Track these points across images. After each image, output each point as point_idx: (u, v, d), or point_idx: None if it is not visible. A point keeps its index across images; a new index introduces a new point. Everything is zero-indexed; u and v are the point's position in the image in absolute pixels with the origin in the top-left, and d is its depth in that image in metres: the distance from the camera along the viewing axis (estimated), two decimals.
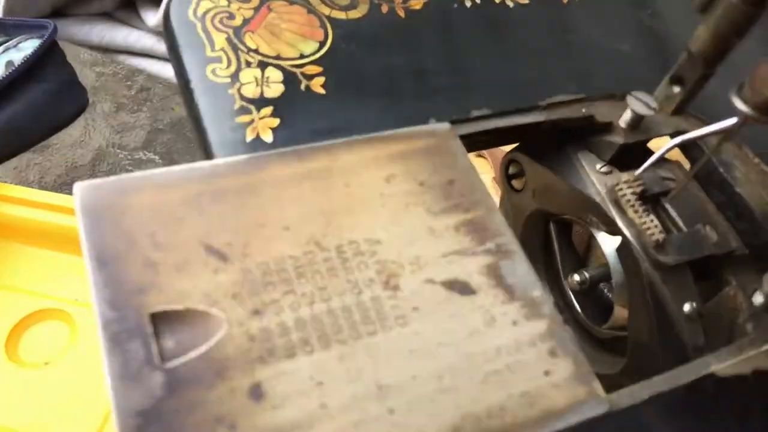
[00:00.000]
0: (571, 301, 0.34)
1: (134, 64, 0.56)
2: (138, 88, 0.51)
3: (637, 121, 0.28)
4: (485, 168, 0.54)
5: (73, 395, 0.34)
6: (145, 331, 0.19)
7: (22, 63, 0.40)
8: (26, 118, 0.41)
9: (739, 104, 0.20)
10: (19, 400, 0.34)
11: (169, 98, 0.57)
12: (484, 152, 0.51)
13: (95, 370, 0.35)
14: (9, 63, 0.42)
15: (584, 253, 0.35)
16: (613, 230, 0.28)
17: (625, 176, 0.27)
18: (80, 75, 0.49)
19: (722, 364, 0.22)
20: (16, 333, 0.37)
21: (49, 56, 0.43)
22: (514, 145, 0.33)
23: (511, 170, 0.34)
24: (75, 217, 0.40)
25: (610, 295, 0.35)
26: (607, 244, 0.29)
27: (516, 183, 0.34)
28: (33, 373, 0.35)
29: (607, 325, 0.32)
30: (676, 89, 0.27)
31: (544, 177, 0.31)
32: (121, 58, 0.57)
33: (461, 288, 0.22)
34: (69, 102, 0.45)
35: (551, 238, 0.35)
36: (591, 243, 0.38)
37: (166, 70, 0.56)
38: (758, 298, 0.24)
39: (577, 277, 0.31)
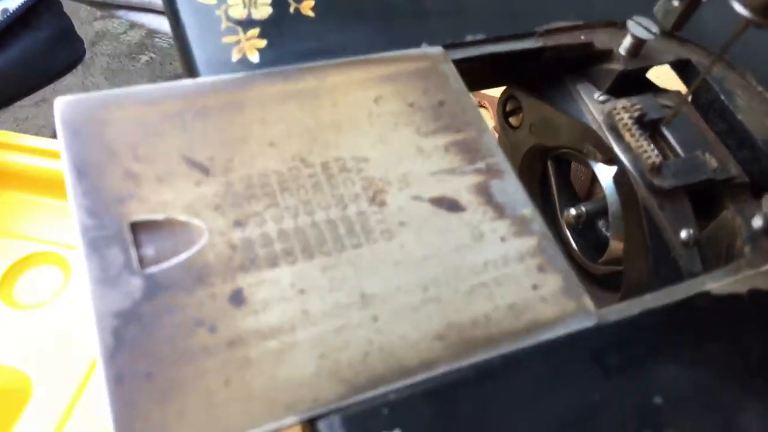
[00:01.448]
0: (567, 238, 0.34)
1: (133, 18, 0.56)
2: (137, 42, 0.50)
3: (638, 47, 0.28)
4: (485, 118, 0.53)
5: (67, 336, 0.34)
6: (125, 238, 0.18)
7: (17, 9, 0.40)
8: (20, 65, 0.41)
9: (739, 8, 0.20)
10: (12, 341, 0.34)
11: (169, 54, 0.57)
12: (485, 102, 0.51)
13: (89, 311, 0.35)
14: (4, 11, 0.41)
15: (581, 191, 0.35)
16: (610, 158, 0.27)
17: (622, 102, 0.26)
18: (79, 31, 0.49)
19: (718, 283, 0.22)
20: (10, 276, 0.37)
21: (45, 4, 0.43)
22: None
23: (509, 107, 0.34)
24: None
25: (607, 233, 0.34)
26: (604, 173, 0.28)
27: (513, 120, 0.34)
28: (27, 314, 0.35)
29: (602, 259, 0.31)
30: (675, 3, 0.26)
31: (542, 110, 0.31)
32: (121, 12, 0.56)
33: (449, 205, 0.21)
34: (64, 51, 0.44)
35: (548, 176, 0.34)
36: (588, 180, 0.38)
37: (166, 25, 0.55)
38: (757, 222, 0.24)
39: (573, 212, 0.31)
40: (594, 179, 0.39)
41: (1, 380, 0.32)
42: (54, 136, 0.49)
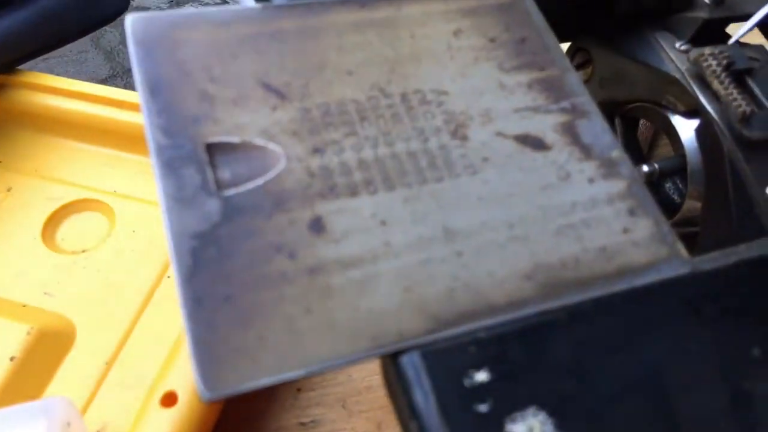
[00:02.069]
0: None
1: None
2: None
3: None
4: None
5: (111, 283, 0.33)
6: (201, 158, 0.17)
7: None
8: (70, 6, 0.40)
9: None
10: (55, 286, 0.33)
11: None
12: None
13: (133, 259, 0.34)
14: None
15: (648, 153, 0.34)
16: (693, 110, 0.26)
17: (708, 49, 0.25)
18: None
19: None
20: (54, 221, 0.36)
21: None
22: None
23: (577, 60, 0.32)
24: (117, 111, 0.39)
25: (675, 196, 0.33)
26: (684, 127, 0.27)
27: (581, 74, 0.32)
28: (70, 260, 0.34)
29: (674, 219, 0.30)
30: None
31: (615, 62, 0.29)
32: None
33: (534, 143, 0.20)
34: None
35: (616, 134, 0.33)
36: (655, 142, 0.36)
37: None
38: None
39: (645, 168, 0.29)
40: (654, 141, 0.38)
41: (45, 325, 0.31)
42: (100, 82, 0.49)
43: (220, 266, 0.16)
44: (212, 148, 0.18)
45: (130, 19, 0.19)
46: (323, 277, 0.16)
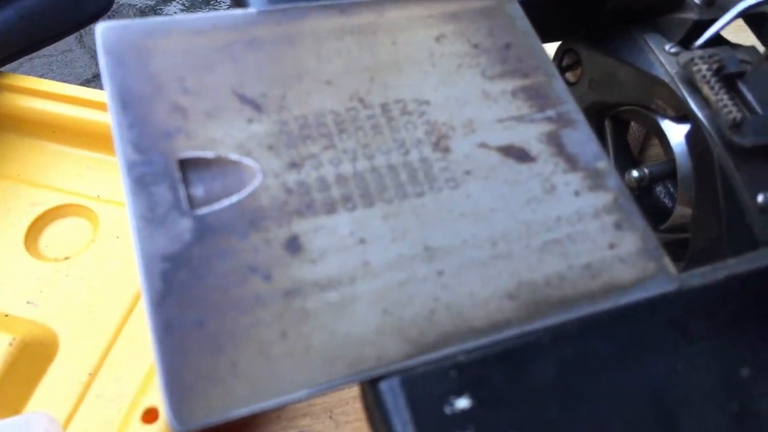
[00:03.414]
0: None
1: None
2: None
3: None
4: None
5: (94, 291, 0.33)
6: (173, 175, 0.17)
7: None
8: (50, 7, 0.40)
9: None
10: (37, 294, 0.33)
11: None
12: None
13: (117, 265, 0.34)
14: None
15: (640, 153, 0.33)
16: (682, 115, 0.25)
17: (699, 52, 0.24)
18: None
19: None
20: (36, 227, 0.36)
21: None
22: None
23: (566, 61, 0.32)
24: (101, 113, 0.38)
25: (666, 200, 0.32)
26: (674, 132, 0.26)
27: (570, 75, 0.32)
28: (53, 267, 0.34)
29: (664, 226, 0.29)
30: None
31: (604, 64, 0.29)
32: None
33: (518, 154, 0.20)
34: None
35: (605, 137, 0.32)
36: (646, 143, 0.36)
37: None
38: None
39: (635, 174, 0.29)
40: (646, 141, 0.37)
41: (27, 335, 0.31)
42: (82, 84, 0.48)
43: (191, 289, 0.15)
44: (185, 164, 0.17)
45: (100, 28, 0.19)
46: (299, 300, 0.16)
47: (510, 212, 0.19)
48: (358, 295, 0.16)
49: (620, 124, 0.32)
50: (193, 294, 0.15)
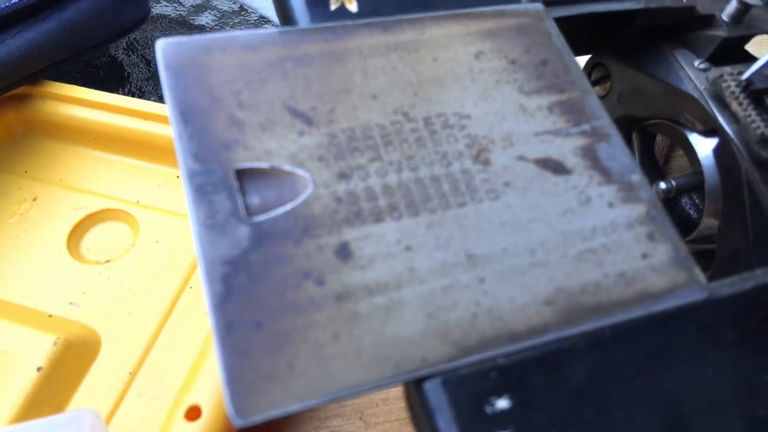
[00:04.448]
0: None
1: None
2: (197, 4, 0.49)
3: (742, 12, 0.26)
4: None
5: (135, 293, 0.34)
6: (231, 185, 0.18)
7: None
8: (91, 17, 0.41)
9: None
10: (80, 296, 0.34)
11: (229, 16, 0.55)
12: None
13: (156, 269, 0.35)
14: None
15: (664, 164, 0.34)
16: (711, 129, 0.26)
17: (728, 69, 0.25)
18: None
19: None
20: (78, 231, 0.37)
21: None
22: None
23: (595, 75, 0.32)
24: (142, 122, 0.40)
25: (691, 212, 0.33)
26: (702, 145, 0.27)
27: (599, 89, 0.33)
28: (94, 270, 0.35)
29: (690, 237, 0.30)
30: None
31: (634, 78, 0.30)
32: None
33: (555, 167, 0.21)
34: (132, 8, 0.44)
35: (633, 149, 0.33)
36: (670, 154, 0.36)
37: None
38: None
39: (663, 185, 0.30)
40: (670, 153, 0.38)
41: (70, 335, 0.32)
42: (124, 93, 0.49)
43: (250, 293, 0.16)
44: (242, 174, 0.18)
45: (160, 45, 0.20)
46: (350, 304, 0.17)
47: (547, 222, 0.19)
48: (404, 299, 0.17)
49: (647, 137, 0.33)
50: (251, 297, 0.16)
